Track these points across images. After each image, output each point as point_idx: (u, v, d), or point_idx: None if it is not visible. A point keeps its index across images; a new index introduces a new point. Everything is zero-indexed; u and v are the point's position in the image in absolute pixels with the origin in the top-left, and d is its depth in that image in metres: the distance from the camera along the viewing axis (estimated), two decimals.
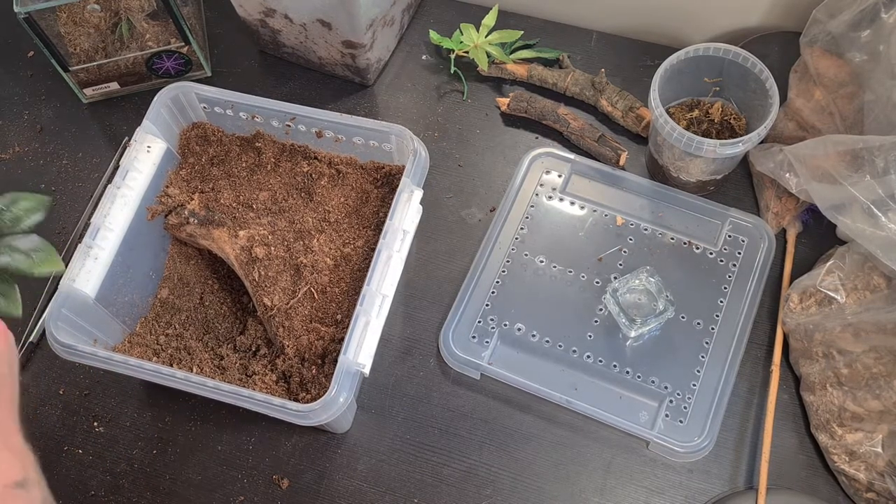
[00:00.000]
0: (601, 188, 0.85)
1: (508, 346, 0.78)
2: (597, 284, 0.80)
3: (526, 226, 0.83)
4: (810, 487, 0.72)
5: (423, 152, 0.76)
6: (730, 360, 0.75)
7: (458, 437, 0.75)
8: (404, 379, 0.78)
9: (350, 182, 0.83)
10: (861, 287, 0.71)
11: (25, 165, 0.91)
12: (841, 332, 0.70)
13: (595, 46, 0.95)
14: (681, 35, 0.94)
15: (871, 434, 0.68)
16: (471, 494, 0.73)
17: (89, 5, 0.86)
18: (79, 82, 0.91)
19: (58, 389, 0.79)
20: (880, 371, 0.68)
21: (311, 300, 0.76)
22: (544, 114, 0.88)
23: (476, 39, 0.90)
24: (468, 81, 0.93)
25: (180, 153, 0.84)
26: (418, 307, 0.81)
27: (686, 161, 0.78)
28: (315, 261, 0.77)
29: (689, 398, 0.74)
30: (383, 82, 0.94)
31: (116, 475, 0.75)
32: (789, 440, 0.74)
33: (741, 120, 0.82)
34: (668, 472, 0.73)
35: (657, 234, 0.82)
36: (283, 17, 0.86)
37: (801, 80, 0.82)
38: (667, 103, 0.82)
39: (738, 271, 0.79)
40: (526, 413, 0.76)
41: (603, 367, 0.76)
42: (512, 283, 0.80)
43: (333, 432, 0.75)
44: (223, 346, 0.77)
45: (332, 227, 0.80)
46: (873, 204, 0.65)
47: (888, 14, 0.72)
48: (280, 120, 0.81)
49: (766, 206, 0.82)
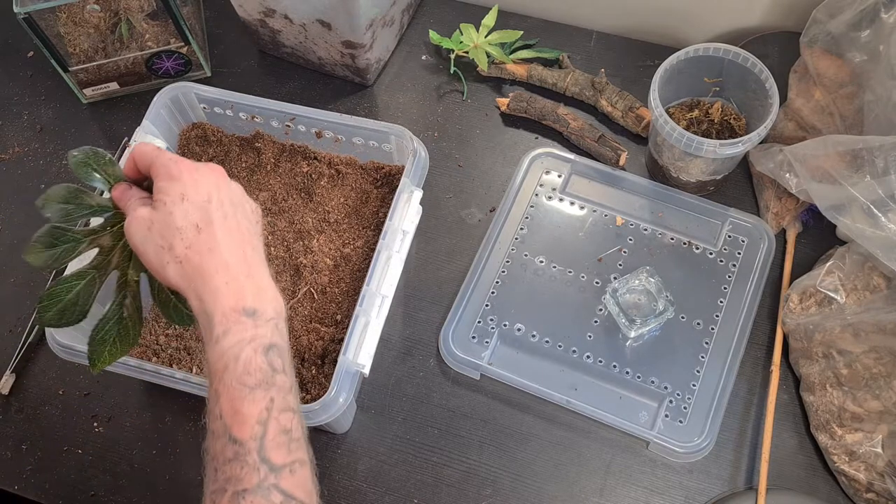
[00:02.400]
0: (601, 188, 0.85)
1: (508, 346, 0.78)
2: (597, 285, 0.80)
3: (526, 226, 0.83)
4: (810, 487, 0.72)
5: (422, 152, 0.76)
6: (730, 360, 0.75)
7: (458, 437, 0.75)
8: (404, 379, 0.78)
9: (350, 182, 0.83)
10: (861, 287, 0.71)
11: (25, 165, 0.91)
12: (841, 333, 0.70)
13: (595, 46, 0.95)
14: (681, 35, 0.94)
15: (870, 434, 0.68)
16: (471, 494, 0.73)
17: (89, 5, 0.86)
18: (79, 82, 0.91)
19: (58, 389, 0.79)
20: (880, 371, 0.68)
21: (310, 300, 0.76)
22: (544, 114, 0.88)
23: (476, 39, 0.90)
24: (468, 81, 0.93)
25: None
26: (418, 307, 0.81)
27: (686, 161, 0.78)
28: (315, 261, 0.77)
29: (689, 398, 0.74)
30: (383, 82, 0.94)
31: (116, 475, 0.75)
32: (789, 440, 0.74)
33: (741, 120, 0.82)
34: (668, 473, 0.73)
35: (657, 234, 0.82)
36: (282, 18, 0.86)
37: (801, 80, 0.82)
38: (667, 103, 0.82)
39: (738, 271, 0.79)
40: (526, 413, 0.76)
41: (603, 367, 0.76)
42: (512, 284, 0.80)
43: (333, 432, 0.75)
44: None
45: (332, 228, 0.80)
46: (873, 204, 0.65)
47: (888, 14, 0.72)
48: (280, 120, 0.81)
49: (766, 206, 0.82)
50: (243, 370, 0.48)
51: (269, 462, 0.47)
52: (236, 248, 0.52)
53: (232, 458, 0.47)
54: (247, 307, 0.50)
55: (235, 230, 0.53)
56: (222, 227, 0.53)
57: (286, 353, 0.52)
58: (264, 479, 0.46)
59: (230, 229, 0.53)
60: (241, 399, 0.48)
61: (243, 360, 0.49)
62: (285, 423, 0.49)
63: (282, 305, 0.53)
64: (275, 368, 0.50)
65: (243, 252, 0.53)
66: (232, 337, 0.49)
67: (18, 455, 0.76)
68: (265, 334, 0.50)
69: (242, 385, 0.48)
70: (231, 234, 0.53)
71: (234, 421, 0.47)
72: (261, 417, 0.48)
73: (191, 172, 0.54)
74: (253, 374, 0.48)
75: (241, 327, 0.50)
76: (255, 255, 0.54)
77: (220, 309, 0.50)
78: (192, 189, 0.53)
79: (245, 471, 0.46)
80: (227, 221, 0.53)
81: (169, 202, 0.53)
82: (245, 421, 0.47)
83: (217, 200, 0.53)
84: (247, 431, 0.47)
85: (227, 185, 0.55)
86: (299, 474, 0.48)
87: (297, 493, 0.48)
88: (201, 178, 0.54)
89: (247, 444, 0.47)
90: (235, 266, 0.52)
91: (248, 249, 0.53)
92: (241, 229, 0.54)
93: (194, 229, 0.52)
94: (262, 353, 0.49)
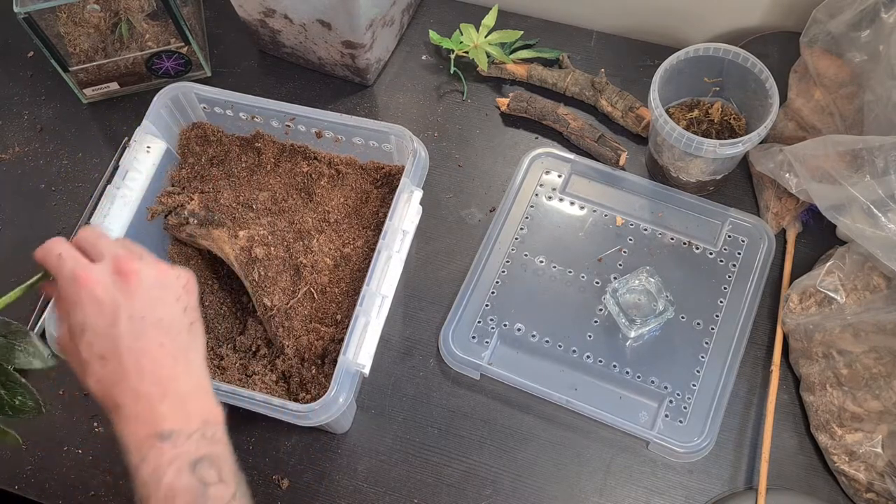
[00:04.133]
0: (601, 188, 0.85)
1: (508, 346, 0.78)
2: (597, 285, 0.80)
3: (526, 226, 0.83)
4: (810, 487, 0.72)
5: (422, 152, 0.76)
6: (729, 360, 0.75)
7: (458, 437, 0.75)
8: (404, 379, 0.78)
9: (350, 182, 0.83)
10: (861, 287, 0.71)
11: (25, 165, 0.91)
12: (841, 333, 0.70)
13: (595, 46, 0.95)
14: (681, 35, 0.94)
15: (870, 434, 0.68)
16: (471, 494, 0.73)
17: (89, 5, 0.86)
18: (79, 82, 0.91)
19: (58, 389, 0.79)
20: (880, 371, 0.68)
21: (310, 300, 0.76)
22: (544, 114, 0.88)
23: (476, 39, 0.90)
24: (468, 81, 0.93)
25: (180, 153, 0.84)
26: (418, 307, 0.81)
27: (686, 161, 0.78)
28: (315, 261, 0.77)
29: (689, 398, 0.74)
30: (383, 82, 0.94)
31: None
32: (789, 440, 0.74)
33: (741, 120, 0.82)
34: (668, 472, 0.73)
35: (657, 234, 0.82)
36: (282, 18, 0.86)
37: (801, 80, 0.82)
38: (667, 103, 0.82)
39: (738, 271, 0.79)
40: (526, 413, 0.76)
41: (603, 367, 0.76)
42: (512, 284, 0.80)
43: (333, 432, 0.75)
44: (223, 346, 0.77)
45: (332, 228, 0.80)
46: (873, 204, 0.65)
47: (888, 14, 0.72)
48: (280, 120, 0.81)
49: (766, 206, 0.82)
50: (166, 495, 0.46)
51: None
52: (149, 370, 0.49)
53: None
54: (162, 431, 0.47)
55: (149, 348, 0.49)
56: (131, 352, 0.49)
57: (223, 459, 0.49)
58: None
59: (142, 350, 0.49)
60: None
61: (165, 484, 0.46)
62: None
63: (212, 409, 0.50)
64: (206, 482, 0.47)
65: (158, 370, 0.49)
66: (149, 464, 0.47)
67: (18, 455, 0.76)
68: (188, 451, 0.48)
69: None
70: (143, 355, 0.49)
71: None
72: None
73: (91, 292, 0.49)
74: (181, 496, 0.46)
75: (157, 452, 0.47)
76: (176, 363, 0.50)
77: (132, 439, 0.48)
78: (93, 316, 0.49)
79: None
80: (139, 341, 0.49)
81: (73, 333, 0.50)
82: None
83: (126, 318, 0.49)
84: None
85: (139, 287, 0.50)
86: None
87: None
88: (104, 295, 0.49)
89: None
90: (147, 391, 0.48)
91: (167, 361, 0.50)
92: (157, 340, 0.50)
93: (99, 361, 0.49)
94: (188, 471, 0.47)
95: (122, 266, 0.50)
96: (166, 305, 0.51)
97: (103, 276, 0.50)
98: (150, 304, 0.50)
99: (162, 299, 0.51)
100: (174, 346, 0.50)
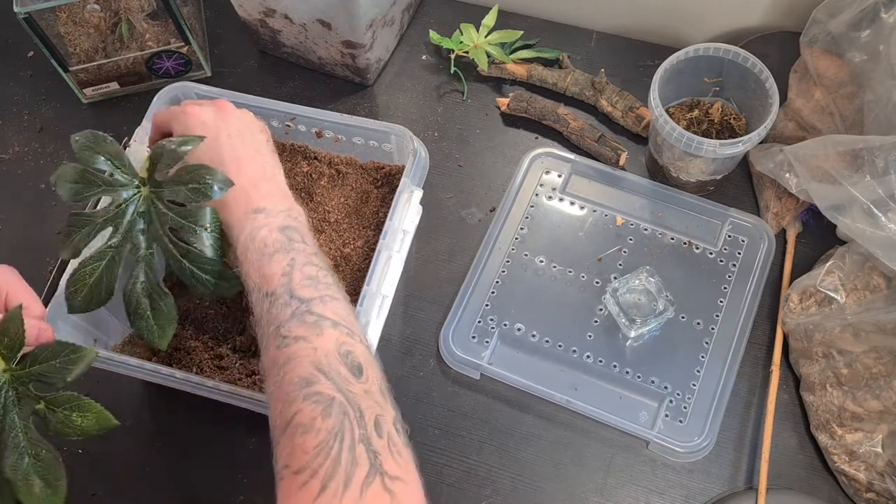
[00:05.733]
0: (601, 188, 0.85)
1: (508, 346, 0.78)
2: (597, 284, 0.80)
3: (526, 226, 0.83)
4: (810, 487, 0.72)
5: (422, 152, 0.76)
6: (730, 360, 0.75)
7: (458, 437, 0.75)
8: (404, 379, 0.78)
9: (350, 182, 0.83)
10: (861, 287, 0.71)
11: (25, 165, 0.91)
12: (841, 333, 0.70)
13: (595, 46, 0.95)
14: (681, 35, 0.94)
15: (871, 434, 0.68)
16: (471, 494, 0.73)
17: (89, 5, 0.86)
18: (79, 82, 0.91)
19: None
20: (880, 371, 0.68)
21: None
22: (544, 114, 0.88)
23: (476, 39, 0.90)
24: (468, 81, 0.93)
25: None
26: (418, 307, 0.81)
27: (686, 161, 0.78)
28: None
29: (689, 398, 0.74)
30: (383, 82, 0.94)
31: (116, 475, 0.75)
32: (789, 440, 0.74)
33: (741, 120, 0.82)
34: (668, 472, 0.73)
35: (657, 234, 0.82)
36: (282, 18, 0.86)
37: (801, 80, 0.82)
38: (667, 103, 0.82)
39: (738, 271, 0.79)
40: (526, 413, 0.76)
41: (603, 367, 0.76)
42: (512, 283, 0.80)
43: None
44: (223, 346, 0.77)
45: (332, 228, 0.80)
46: (873, 204, 0.65)
47: (888, 14, 0.72)
48: (280, 120, 0.81)
49: (766, 206, 0.82)
50: (261, 244, 0.57)
51: (299, 297, 0.54)
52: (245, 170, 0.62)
53: (268, 308, 0.55)
54: (257, 207, 0.60)
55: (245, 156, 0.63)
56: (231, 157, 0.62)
57: (305, 233, 0.60)
58: (296, 309, 0.54)
59: (239, 157, 0.63)
60: (264, 264, 0.56)
61: (259, 238, 0.58)
62: (310, 272, 0.56)
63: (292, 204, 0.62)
64: (292, 239, 0.58)
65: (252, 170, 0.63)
66: (247, 230, 0.59)
67: None
68: (277, 220, 0.59)
69: (262, 254, 0.57)
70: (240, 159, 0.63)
71: (263, 281, 0.56)
72: (284, 271, 0.56)
73: (198, 118, 0.64)
74: (270, 245, 0.57)
75: (253, 222, 0.59)
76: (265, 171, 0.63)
77: (234, 218, 0.60)
78: (198, 130, 0.63)
79: (280, 309, 0.54)
80: (236, 151, 0.63)
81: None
82: (271, 277, 0.56)
83: (226, 135, 0.63)
84: (274, 283, 0.55)
85: (233, 117, 0.65)
86: (330, 304, 0.55)
87: (327, 314, 0.54)
88: (209, 120, 0.64)
89: (276, 291, 0.55)
90: (243, 184, 0.61)
91: (258, 167, 0.63)
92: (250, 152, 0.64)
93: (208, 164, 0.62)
94: (278, 230, 0.58)
95: (220, 105, 0.66)
96: (254, 133, 0.66)
97: (206, 109, 0.65)
98: (242, 130, 0.65)
99: (250, 129, 0.66)
100: (263, 160, 0.64)
